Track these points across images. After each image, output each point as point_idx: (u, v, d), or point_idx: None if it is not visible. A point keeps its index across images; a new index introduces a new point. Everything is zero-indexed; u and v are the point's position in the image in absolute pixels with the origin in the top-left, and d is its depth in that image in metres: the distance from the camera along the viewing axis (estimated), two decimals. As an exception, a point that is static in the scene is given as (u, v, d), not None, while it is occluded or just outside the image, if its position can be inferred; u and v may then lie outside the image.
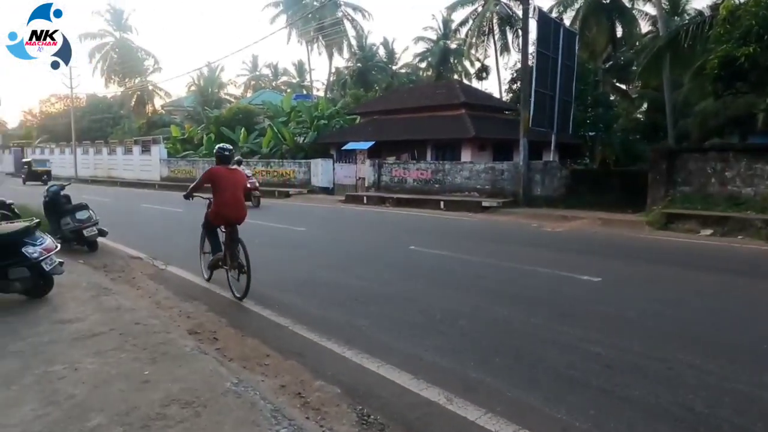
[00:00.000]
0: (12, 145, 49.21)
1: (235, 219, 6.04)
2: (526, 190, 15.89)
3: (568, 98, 17.60)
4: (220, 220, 6.12)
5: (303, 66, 56.57)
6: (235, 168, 6.42)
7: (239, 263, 5.92)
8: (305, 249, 9.13)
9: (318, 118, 28.28)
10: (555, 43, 16.23)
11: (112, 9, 47.68)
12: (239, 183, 6.16)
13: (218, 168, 6.12)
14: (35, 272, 5.34)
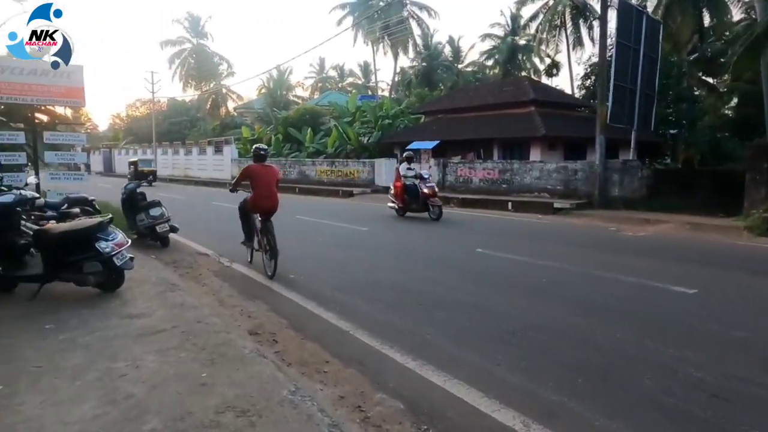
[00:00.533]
0: (101, 147, 53.21)
1: (269, 209, 6.95)
2: (602, 190, 14.87)
3: (651, 92, 16.31)
4: (256, 210, 7.07)
5: (368, 67, 57.03)
6: (269, 165, 7.31)
7: (273, 247, 6.76)
8: (368, 249, 8.93)
9: (382, 117, 28.24)
10: (637, 33, 15.07)
11: (190, 16, 50.44)
12: (272, 178, 7.03)
13: (254, 165, 7.06)
14: (107, 267, 5.47)
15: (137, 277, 6.27)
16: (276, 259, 6.68)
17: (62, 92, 9.54)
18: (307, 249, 8.87)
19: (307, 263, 7.62)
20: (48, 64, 9.78)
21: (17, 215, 5.78)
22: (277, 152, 30.64)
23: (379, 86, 53.06)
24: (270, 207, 6.96)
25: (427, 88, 40.92)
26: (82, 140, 10.83)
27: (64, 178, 10.13)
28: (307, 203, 18.45)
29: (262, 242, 6.98)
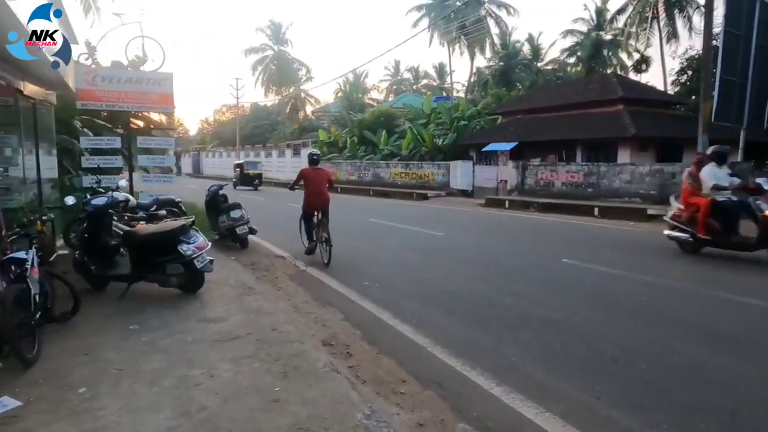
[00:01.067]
0: (191, 150, 56.85)
1: (320, 205, 8.08)
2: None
3: (764, 87, 14.54)
4: (310, 208, 8.14)
5: (443, 68, 56.42)
6: (320, 168, 8.45)
7: (326, 238, 7.77)
8: (444, 256, 8.57)
9: (458, 119, 27.67)
10: (748, 20, 13.50)
11: (272, 24, 52.51)
12: (323, 179, 8.18)
13: (307, 169, 8.26)
14: (189, 269, 5.58)
15: (217, 279, 6.37)
16: (330, 249, 7.69)
17: (155, 99, 10.07)
18: (380, 254, 8.68)
19: (381, 269, 7.42)
20: (143, 73, 10.41)
21: (109, 217, 6.07)
22: (352, 154, 31.02)
23: (454, 87, 52.31)
24: (321, 203, 8.08)
25: (505, 88, 39.67)
26: (171, 144, 11.39)
27: (154, 180, 10.69)
28: (380, 206, 18.40)
29: (320, 236, 7.97)
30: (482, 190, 21.13)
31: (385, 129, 30.79)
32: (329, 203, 8.12)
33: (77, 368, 3.77)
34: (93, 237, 5.84)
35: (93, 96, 9.56)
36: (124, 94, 9.78)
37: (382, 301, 5.75)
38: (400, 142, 29.28)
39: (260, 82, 53.85)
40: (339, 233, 11.01)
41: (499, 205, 17.34)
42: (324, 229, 7.87)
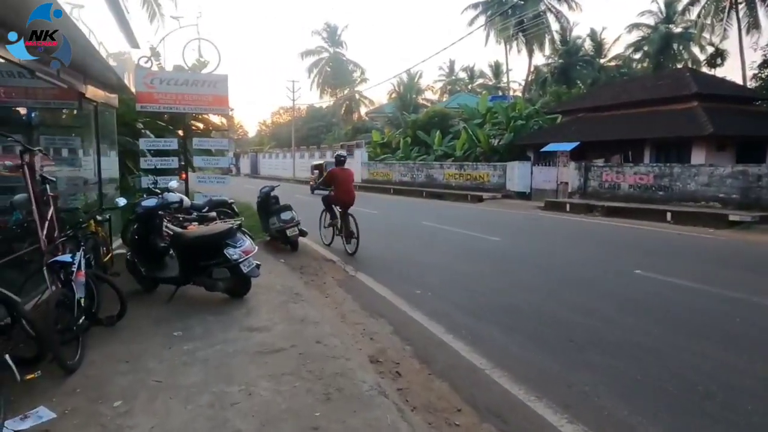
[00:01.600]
0: (249, 151, 58.55)
1: (347, 202, 8.81)
2: (797, 201, 12.06)
3: None
4: (337, 203, 8.93)
5: (500, 67, 55.01)
6: (347, 168, 9.19)
7: (350, 231, 8.61)
8: (502, 263, 8.02)
9: (515, 118, 26.69)
10: None
11: (328, 27, 53.17)
12: (349, 178, 9.00)
13: (335, 169, 9.07)
14: (235, 273, 5.40)
15: (263, 284, 6.19)
16: (353, 240, 8.53)
17: (210, 100, 10.14)
18: (433, 260, 8.26)
19: (434, 277, 7.00)
20: (199, 75, 10.53)
21: (159, 218, 6.01)
22: (405, 155, 30.66)
23: (510, 86, 50.83)
24: (348, 200, 8.81)
25: (565, 87, 38.03)
26: (225, 145, 11.49)
27: (209, 181, 10.79)
28: (433, 208, 17.92)
29: (342, 229, 8.80)
30: (540, 192, 20.19)
31: (439, 129, 30.23)
32: (354, 201, 8.97)
33: (116, 378, 3.63)
34: (143, 238, 5.80)
35: (151, 98, 9.73)
36: (181, 96, 9.90)
37: (434, 312, 5.35)
38: (455, 142, 28.63)
39: (316, 84, 54.69)
40: (390, 237, 10.80)
41: (559, 208, 16.43)
42: (349, 223, 8.69)
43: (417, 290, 6.24)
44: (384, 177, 29.98)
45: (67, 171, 8.62)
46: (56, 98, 7.88)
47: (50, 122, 8.27)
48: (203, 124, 21.02)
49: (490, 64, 59.61)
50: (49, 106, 7.95)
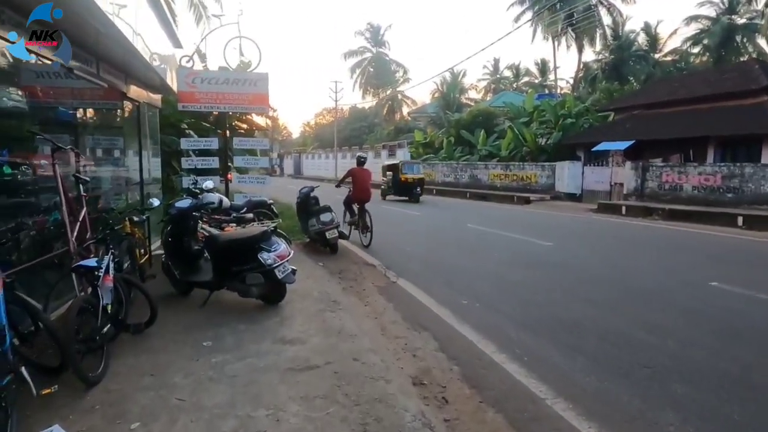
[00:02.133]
0: (292, 152, 59.28)
1: (364, 199, 9.70)
2: None
3: None
4: (355, 199, 9.77)
5: (546, 64, 53.34)
6: (366, 168, 9.94)
7: (366, 225, 9.58)
8: (557, 271, 7.38)
9: (564, 116, 25.58)
10: None
11: (371, 27, 53.10)
12: (367, 178, 9.78)
13: (356, 168, 9.86)
14: (269, 279, 5.10)
15: (300, 290, 5.87)
16: (368, 233, 9.51)
17: (250, 99, 9.98)
18: (480, 267, 7.71)
19: (482, 286, 6.48)
20: (239, 74, 10.39)
21: (194, 220, 5.79)
22: (448, 155, 30.01)
23: (557, 84, 49.10)
24: (365, 197, 9.73)
25: (617, 83, 36.26)
26: (266, 145, 11.32)
27: (248, 181, 10.65)
28: (478, 210, 17.26)
29: (359, 223, 9.71)
30: (592, 193, 19.13)
31: (483, 128, 29.39)
32: (371, 197, 9.90)
33: (138, 394, 3.35)
34: (177, 241, 5.59)
35: (192, 98, 9.65)
36: (221, 95, 9.78)
37: (484, 326, 4.85)
38: (500, 142, 27.76)
39: (358, 84, 54.74)
40: (433, 241, 10.33)
41: (613, 210, 15.43)
42: (365, 217, 9.63)
43: (463, 300, 5.75)
44: (426, 177, 29.40)
45: (109, 171, 8.65)
46: (100, 98, 7.86)
47: (94, 122, 8.27)
48: (247, 125, 21.17)
49: (536, 62, 57.91)
50: (92, 106, 7.95)
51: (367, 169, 10.18)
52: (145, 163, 9.69)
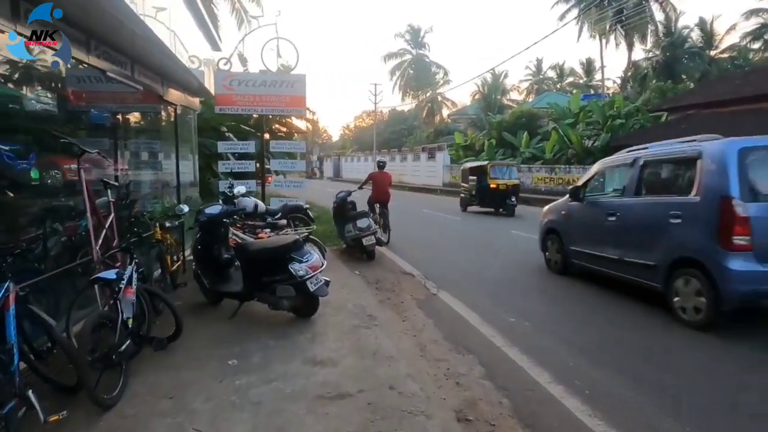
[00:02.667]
0: (332, 155, 59.59)
1: (383, 200, 10.28)
2: None
3: None
4: (376, 201, 10.29)
5: (591, 64, 51.45)
6: (385, 172, 10.64)
7: (386, 224, 10.10)
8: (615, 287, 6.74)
9: (613, 117, 24.39)
10: None
11: (411, 29, 52.74)
12: (386, 181, 10.44)
13: (375, 173, 10.42)
14: (300, 291, 4.77)
15: (334, 302, 5.52)
16: (388, 232, 10.18)
17: (287, 102, 9.77)
18: (527, 278, 7.16)
19: (531, 301, 5.94)
20: (276, 75, 10.21)
21: (225, 227, 5.53)
22: (489, 158, 29.19)
23: (604, 84, 47.21)
24: (384, 199, 10.31)
25: (670, 81, 34.41)
26: (302, 148, 11.08)
27: (285, 185, 10.45)
28: (522, 215, 16.53)
29: (379, 221, 9.97)
30: (644, 198, 18.03)
31: (526, 130, 28.44)
32: (390, 199, 10.45)
33: (154, 421, 3.06)
34: (206, 248, 5.34)
35: (230, 100, 9.53)
36: (258, 98, 9.61)
37: (536, 350, 4.34)
38: (543, 144, 26.76)
39: (398, 86, 54.46)
40: (475, 248, 9.78)
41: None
42: (384, 218, 10.18)
43: (511, 317, 5.24)
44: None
45: (146, 174, 8.60)
46: (136, 102, 7.79)
47: (132, 126, 8.23)
48: (286, 128, 21.14)
49: (581, 62, 55.93)
50: (129, 109, 7.90)
51: (387, 173, 10.87)
52: (183, 167, 9.61)
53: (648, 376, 3.82)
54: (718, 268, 4.47)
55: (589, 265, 6.48)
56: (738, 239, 4.42)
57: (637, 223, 5.60)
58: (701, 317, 4.64)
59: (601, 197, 6.62)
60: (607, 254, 5.96)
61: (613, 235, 5.95)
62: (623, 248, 5.71)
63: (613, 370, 3.93)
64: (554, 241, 7.43)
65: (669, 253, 4.99)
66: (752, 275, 4.37)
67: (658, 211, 5.27)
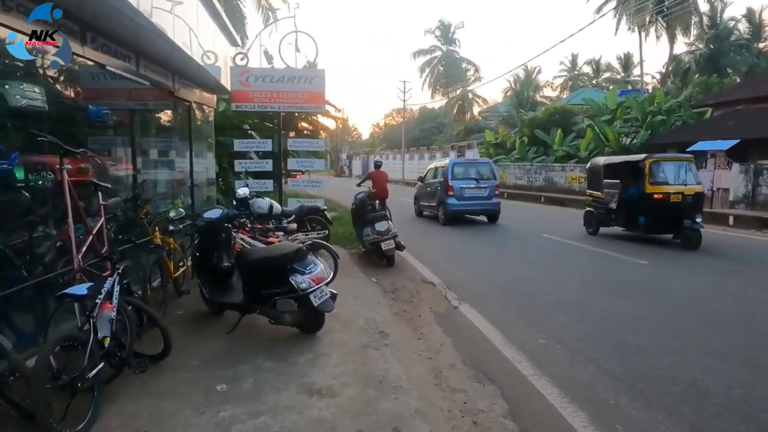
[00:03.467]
0: (361, 153, 59.27)
1: (382, 197, 10.86)
2: None
3: None
4: (375, 198, 10.30)
5: (629, 59, 49.55)
6: (383, 171, 11.77)
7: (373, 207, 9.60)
8: (659, 302, 5.98)
9: (653, 113, 23.13)
10: None
11: (441, 25, 51.83)
12: (384, 179, 11.34)
13: (374, 171, 11.64)
14: (303, 306, 4.30)
15: (345, 315, 5.05)
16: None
17: (306, 98, 9.35)
18: (560, 291, 6.48)
19: (564, 319, 5.29)
20: (294, 70, 9.79)
21: (226, 232, 5.11)
22: (520, 156, 28.25)
23: (643, 80, 45.25)
24: (383, 195, 10.94)
25: (715, 75, 32.57)
26: (321, 146, 10.64)
27: (303, 185, 10.05)
28: (554, 216, 15.72)
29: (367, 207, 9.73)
30: (688, 199, 16.83)
31: (560, 127, 27.33)
32: (388, 196, 11.31)
33: (118, 463, 2.63)
34: (206, 255, 4.94)
35: (246, 97, 9.18)
36: (276, 94, 9.22)
37: (569, 382, 3.73)
38: (578, 142, 25.65)
39: (427, 83, 53.71)
40: (502, 254, 8.98)
41: (718, 220, 13.33)
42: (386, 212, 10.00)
43: (541, 338, 4.64)
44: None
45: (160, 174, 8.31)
46: (145, 98, 7.49)
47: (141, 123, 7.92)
48: (312, 126, 20.77)
49: (618, 57, 53.98)
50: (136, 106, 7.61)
51: (385, 171, 12.12)
52: (199, 166, 9.29)
53: (713, 425, 3.17)
54: (446, 203, 13.13)
55: (423, 210, 15.30)
56: (450, 193, 13.05)
57: (432, 190, 14.29)
58: (442, 221, 13.38)
59: (427, 181, 15.12)
60: (427, 203, 14.74)
61: (428, 195, 14.66)
62: (430, 200, 14.48)
63: (663, 413, 3.28)
64: (415, 201, 15.91)
65: (438, 200, 13.63)
66: (456, 205, 13.12)
67: (436, 185, 13.95)
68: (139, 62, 6.26)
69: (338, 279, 6.36)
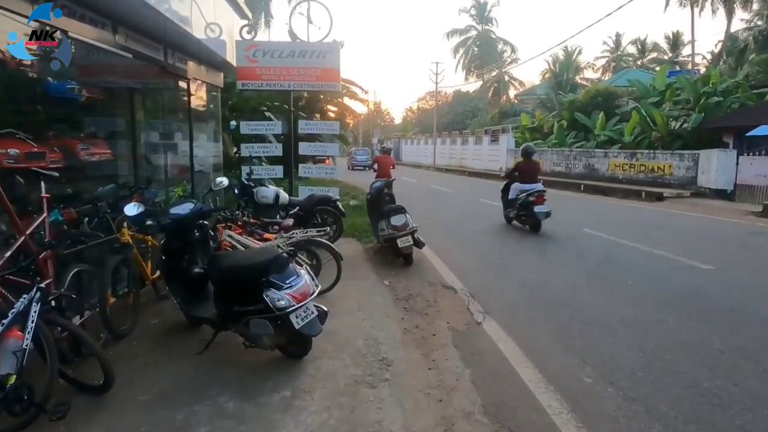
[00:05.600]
0: (392, 137, 58.15)
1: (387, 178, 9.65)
2: None
3: None
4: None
5: (678, 38, 46.29)
6: (389, 156, 11.54)
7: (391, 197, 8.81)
8: (736, 322, 4.83)
9: (707, 94, 21.09)
10: None
11: (477, 3, 49.74)
12: (389, 163, 10.95)
13: (380, 156, 11.49)
14: (281, 328, 3.43)
15: (341, 333, 4.18)
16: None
17: (318, 75, 8.43)
18: (608, 303, 5.37)
19: (619, 344, 4.21)
20: (306, 44, 8.86)
21: (201, 230, 4.24)
22: (558, 141, 26.61)
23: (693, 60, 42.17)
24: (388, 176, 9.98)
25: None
26: (335, 129, 9.70)
27: (315, 172, 9.17)
28: (596, 207, 14.36)
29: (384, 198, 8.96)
30: (749, 190, 15.20)
31: (602, 111, 25.47)
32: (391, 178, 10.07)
33: None
34: (173, 259, 4.11)
35: (253, 74, 8.32)
36: (285, 71, 8.33)
37: None
38: (622, 126, 23.79)
39: (461, 65, 51.91)
40: (536, 253, 7.58)
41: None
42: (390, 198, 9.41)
43: (587, 376, 3.61)
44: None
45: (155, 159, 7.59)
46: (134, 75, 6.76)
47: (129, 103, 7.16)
48: (338, 109, 19.76)
49: (666, 36, 50.59)
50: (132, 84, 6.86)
51: (390, 157, 11.87)
52: (202, 150, 8.55)
53: None
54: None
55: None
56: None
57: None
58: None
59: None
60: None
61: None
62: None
63: None
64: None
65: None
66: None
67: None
68: (117, 30, 5.46)
69: (345, 281, 5.52)
